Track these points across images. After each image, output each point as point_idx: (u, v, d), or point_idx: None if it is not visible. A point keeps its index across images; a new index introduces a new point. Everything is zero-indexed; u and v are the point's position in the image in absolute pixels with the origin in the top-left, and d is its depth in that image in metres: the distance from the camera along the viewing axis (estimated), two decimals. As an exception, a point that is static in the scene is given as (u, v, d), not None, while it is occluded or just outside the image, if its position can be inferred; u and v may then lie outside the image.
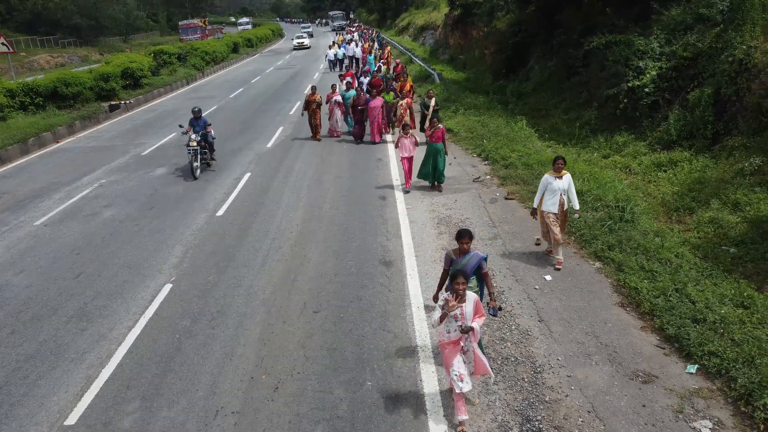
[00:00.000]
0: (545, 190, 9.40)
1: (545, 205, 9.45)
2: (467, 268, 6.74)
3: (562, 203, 9.38)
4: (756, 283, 8.56)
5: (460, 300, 5.86)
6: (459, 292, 5.87)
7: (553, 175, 9.34)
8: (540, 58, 24.08)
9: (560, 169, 9.32)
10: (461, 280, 5.85)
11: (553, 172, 9.39)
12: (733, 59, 12.86)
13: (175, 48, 40.96)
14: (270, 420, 6.39)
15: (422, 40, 51.29)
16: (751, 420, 5.87)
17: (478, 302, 6.03)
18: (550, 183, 9.32)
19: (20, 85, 24.89)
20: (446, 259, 6.99)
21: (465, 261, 6.78)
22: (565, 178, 9.35)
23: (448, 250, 7.04)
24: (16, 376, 7.47)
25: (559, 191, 9.30)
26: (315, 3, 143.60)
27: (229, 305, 8.91)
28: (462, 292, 5.86)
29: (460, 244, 6.80)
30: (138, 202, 14.04)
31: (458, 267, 6.59)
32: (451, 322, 5.95)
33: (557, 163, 9.32)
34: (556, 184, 9.29)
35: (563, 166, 9.36)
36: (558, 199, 9.33)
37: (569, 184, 9.38)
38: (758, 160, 11.08)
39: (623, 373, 6.80)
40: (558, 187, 9.29)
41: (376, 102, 18.52)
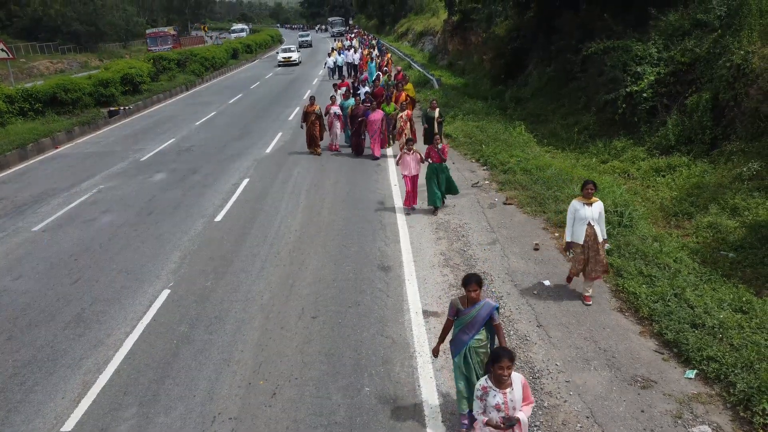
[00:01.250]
0: (574, 219, 8.28)
1: (570, 234, 8.43)
2: (477, 320, 5.82)
3: (590, 234, 8.20)
4: (755, 287, 8.54)
5: (503, 385, 4.74)
6: (503, 378, 4.66)
7: (581, 202, 8.19)
8: (538, 63, 24.13)
9: (590, 195, 8.14)
10: (506, 363, 4.60)
11: (581, 198, 8.22)
12: (731, 64, 12.87)
13: (175, 54, 41.03)
14: (267, 426, 6.37)
15: (421, 45, 51.47)
16: (750, 425, 5.84)
17: (527, 385, 4.86)
18: (577, 210, 8.19)
19: (19, 90, 24.91)
20: (451, 308, 5.99)
21: (474, 313, 5.81)
22: (595, 205, 8.17)
23: (454, 299, 6.01)
24: (13, 383, 7.44)
25: (588, 220, 8.14)
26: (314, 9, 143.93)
27: (227, 311, 8.89)
28: (507, 377, 4.67)
29: (468, 292, 5.77)
30: (136, 207, 14.03)
31: (467, 319, 5.81)
32: (491, 410, 4.79)
33: (587, 188, 8.16)
34: (584, 211, 8.15)
35: (593, 192, 8.19)
36: (584, 230, 8.19)
37: (600, 213, 8.20)
38: (756, 165, 11.07)
39: (622, 379, 6.78)
40: (586, 216, 8.14)
41: (376, 115, 17.27)
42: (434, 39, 48.02)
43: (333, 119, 18.47)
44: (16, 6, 64.29)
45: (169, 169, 17.58)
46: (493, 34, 29.97)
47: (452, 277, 9.61)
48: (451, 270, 9.88)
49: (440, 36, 45.00)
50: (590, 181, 8.25)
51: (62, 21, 65.86)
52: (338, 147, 18.85)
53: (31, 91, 24.98)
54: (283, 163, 17.58)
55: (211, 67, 44.11)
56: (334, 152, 18.67)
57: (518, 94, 24.09)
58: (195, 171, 17.12)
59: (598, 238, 8.20)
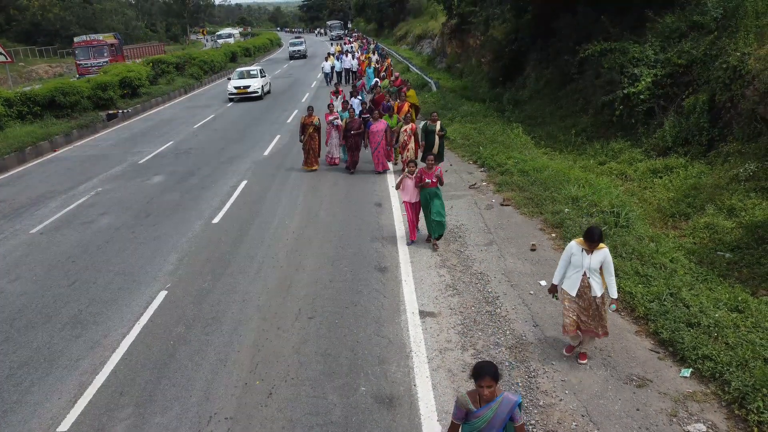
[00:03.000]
0: (568, 263, 6.90)
1: (563, 280, 7.03)
2: (494, 424, 4.42)
3: (585, 286, 6.80)
4: (751, 287, 8.56)
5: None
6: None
7: (581, 246, 6.73)
8: (536, 66, 24.18)
9: (594, 245, 6.64)
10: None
11: (582, 242, 6.73)
12: (727, 66, 12.91)
13: (173, 57, 41.10)
14: (263, 425, 6.37)
15: (419, 48, 51.52)
16: (745, 423, 5.86)
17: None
18: (573, 255, 6.77)
19: (18, 94, 24.95)
20: (457, 409, 4.52)
21: (490, 414, 4.40)
22: (597, 254, 6.65)
23: (461, 396, 4.55)
24: (10, 383, 7.45)
25: (583, 269, 6.74)
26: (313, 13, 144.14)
27: (224, 312, 8.90)
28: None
29: (480, 388, 4.35)
30: (134, 209, 14.04)
31: (480, 424, 4.44)
32: None
33: (590, 236, 6.58)
34: (580, 258, 6.70)
35: (597, 244, 6.61)
36: (579, 280, 6.79)
37: (603, 263, 6.68)
38: (753, 166, 11.10)
39: (617, 377, 6.79)
40: (582, 264, 6.71)
41: (378, 125, 15.58)
42: (433, 42, 48.07)
43: (331, 130, 16.96)
44: (15, 10, 64.36)
45: (167, 171, 17.59)
46: (490, 37, 30.03)
47: (449, 277, 9.62)
48: (447, 270, 9.89)
49: (438, 39, 45.07)
50: (595, 229, 6.59)
51: (61, 25, 65.95)
52: (337, 160, 17.24)
53: (30, 95, 25.02)
54: (281, 165, 17.59)
55: (209, 71, 44.16)
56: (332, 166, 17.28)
57: (516, 97, 24.14)
58: (193, 174, 17.13)
59: (594, 292, 6.75)
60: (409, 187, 10.80)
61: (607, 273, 6.73)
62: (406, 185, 10.89)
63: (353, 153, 16.50)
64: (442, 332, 8.01)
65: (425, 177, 10.47)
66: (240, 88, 32.12)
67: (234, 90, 32.17)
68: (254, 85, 32.34)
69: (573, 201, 11.96)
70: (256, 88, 32.31)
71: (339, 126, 16.67)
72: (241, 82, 32.54)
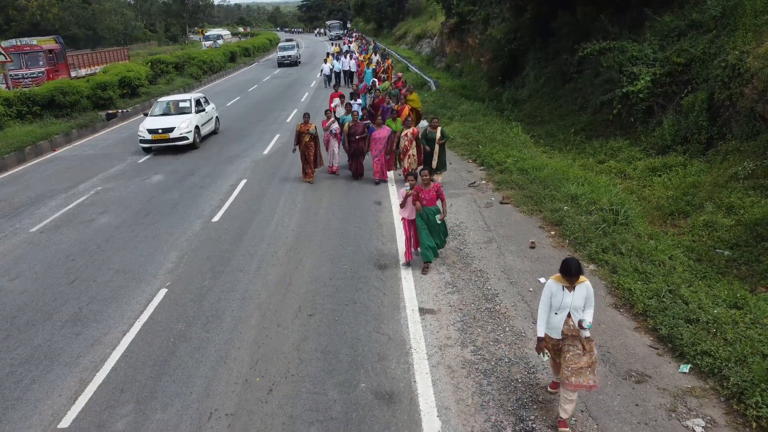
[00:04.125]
0: (550, 307, 6.00)
1: (543, 327, 6.08)
2: None
3: (571, 328, 5.90)
4: (750, 284, 8.60)
5: None
6: None
7: (560, 284, 5.90)
8: (535, 65, 24.21)
9: (574, 280, 5.80)
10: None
11: (560, 278, 5.88)
12: (726, 64, 12.93)
13: (173, 57, 41.10)
14: (263, 421, 6.39)
15: (419, 48, 51.54)
16: (743, 418, 5.89)
17: None
18: (554, 295, 5.93)
19: (17, 93, 24.94)
20: None
21: None
22: (579, 289, 5.85)
23: None
24: (10, 380, 7.46)
25: (568, 309, 5.87)
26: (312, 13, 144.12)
27: (224, 309, 8.92)
28: None
29: None
30: (134, 208, 14.05)
31: None
32: None
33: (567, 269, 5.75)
34: (561, 298, 5.89)
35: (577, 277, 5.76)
36: (563, 322, 5.91)
37: (586, 299, 5.90)
38: (752, 164, 11.12)
39: (616, 373, 6.81)
40: (565, 304, 5.87)
41: (382, 132, 14.60)
42: (432, 42, 48.09)
43: (329, 137, 15.90)
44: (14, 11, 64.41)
45: (166, 170, 17.61)
46: (489, 37, 30.07)
47: (448, 275, 9.65)
48: (447, 268, 9.92)
49: (438, 39, 45.09)
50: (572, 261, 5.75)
51: (60, 25, 65.96)
52: (337, 169, 16.20)
53: (29, 94, 25.03)
54: (281, 164, 17.60)
55: (209, 71, 44.17)
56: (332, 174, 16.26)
57: (515, 96, 24.17)
58: (193, 173, 17.15)
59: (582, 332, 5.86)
60: (408, 203, 9.78)
61: (588, 305, 5.90)
62: (408, 201, 9.81)
63: (357, 160, 15.42)
64: (441, 329, 8.03)
65: (422, 195, 9.50)
66: (157, 132, 19.66)
67: (147, 136, 19.65)
68: (182, 127, 19.79)
69: (572, 199, 11.99)
70: (184, 131, 19.79)
71: (337, 133, 15.70)
72: (158, 123, 20.07)
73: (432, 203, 9.57)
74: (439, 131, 13.54)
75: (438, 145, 13.51)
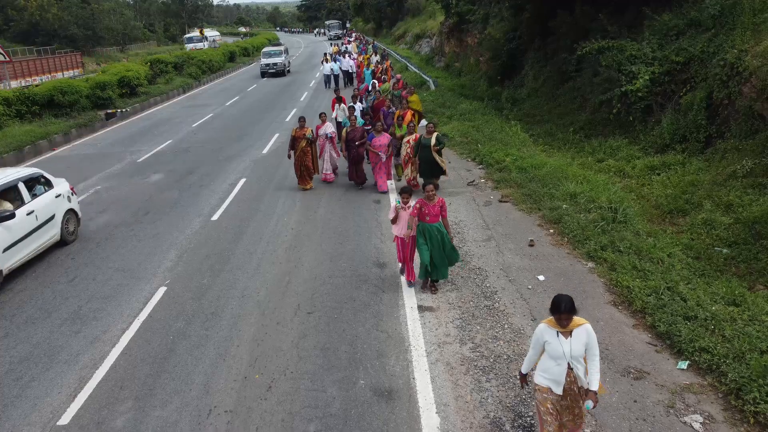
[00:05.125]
0: (540, 352, 5.23)
1: (539, 375, 5.27)
2: None
3: (572, 381, 5.13)
4: (748, 282, 8.62)
5: None
6: None
7: (554, 329, 5.04)
8: (534, 64, 24.22)
9: (567, 322, 4.95)
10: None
11: (553, 323, 5.04)
12: (725, 63, 12.95)
13: (172, 57, 41.13)
14: (263, 418, 6.40)
15: (418, 48, 51.53)
16: (741, 414, 5.90)
17: None
18: (548, 342, 5.06)
19: (17, 93, 24.95)
20: None
21: None
22: (578, 334, 5.00)
23: None
24: (9, 378, 7.47)
25: (566, 360, 5.03)
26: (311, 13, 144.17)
27: (223, 307, 8.93)
28: None
29: None
30: (133, 207, 14.06)
31: None
32: None
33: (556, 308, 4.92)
34: (557, 346, 5.00)
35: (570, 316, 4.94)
36: (564, 374, 5.08)
37: (587, 346, 5.05)
38: (750, 163, 11.14)
39: (615, 370, 6.83)
40: (562, 354, 5.00)
41: (382, 139, 13.79)
42: (431, 41, 48.08)
43: (324, 143, 14.99)
44: (14, 11, 64.37)
45: (166, 170, 17.62)
46: (489, 36, 30.04)
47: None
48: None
49: (437, 38, 45.08)
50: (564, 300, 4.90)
51: (59, 25, 65.99)
52: (332, 177, 15.37)
53: (29, 94, 25.03)
54: (280, 163, 17.60)
55: (208, 70, 44.20)
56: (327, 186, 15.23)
57: (514, 95, 24.17)
58: (192, 172, 17.16)
59: (582, 384, 5.12)
60: (403, 220, 8.87)
61: (590, 355, 5.05)
62: (402, 219, 8.90)
63: (357, 166, 14.56)
64: (440, 326, 8.04)
65: (426, 210, 8.59)
66: None
67: None
68: None
69: (571, 197, 12.00)
70: None
71: (333, 138, 15.01)
72: None
73: (435, 219, 8.60)
74: (434, 137, 12.89)
75: (434, 152, 12.84)
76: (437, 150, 12.91)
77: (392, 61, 38.09)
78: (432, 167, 13.03)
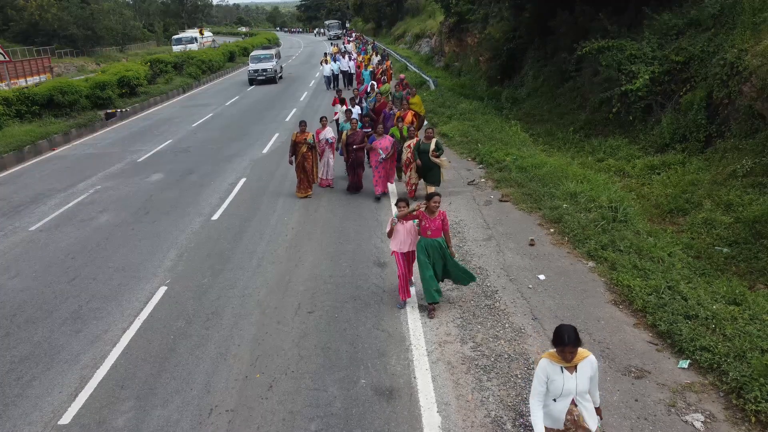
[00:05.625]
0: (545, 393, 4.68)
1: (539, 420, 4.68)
2: None
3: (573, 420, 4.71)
4: (748, 281, 8.63)
5: None
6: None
7: (557, 364, 4.60)
8: (534, 64, 24.23)
9: (571, 355, 4.53)
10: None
11: (556, 357, 4.60)
12: (725, 62, 12.96)
13: (171, 57, 41.12)
14: (264, 417, 6.40)
15: (418, 48, 51.55)
16: (742, 412, 5.90)
17: None
18: (551, 379, 4.61)
19: (16, 93, 24.94)
20: None
21: None
22: (583, 368, 4.62)
23: None
24: (10, 377, 7.47)
25: (571, 396, 4.66)
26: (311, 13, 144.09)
27: (224, 307, 8.93)
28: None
29: None
30: (133, 207, 14.06)
31: None
32: None
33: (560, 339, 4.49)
34: (561, 382, 4.60)
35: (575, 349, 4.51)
36: (566, 410, 4.68)
37: (591, 379, 4.69)
38: (750, 162, 11.15)
39: (616, 369, 6.83)
40: (567, 389, 4.60)
41: (384, 142, 13.30)
42: (431, 41, 48.11)
43: (324, 147, 14.38)
44: (13, 10, 64.29)
45: (166, 169, 17.62)
46: (488, 36, 30.06)
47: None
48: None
49: (437, 38, 45.09)
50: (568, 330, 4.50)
51: (59, 25, 65.87)
52: (331, 182, 14.86)
53: (28, 93, 25.01)
54: (280, 163, 17.60)
55: (207, 70, 44.18)
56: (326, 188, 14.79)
57: (514, 95, 24.19)
58: (192, 171, 17.16)
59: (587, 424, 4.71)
60: (400, 233, 8.29)
61: (592, 385, 4.74)
62: (398, 232, 8.33)
63: (355, 172, 14.14)
64: (441, 325, 8.04)
65: (427, 224, 7.99)
66: None
67: None
68: None
69: (571, 197, 12.00)
70: None
71: (332, 143, 14.45)
72: None
73: (437, 234, 8.00)
74: (434, 143, 12.47)
75: (432, 158, 12.44)
76: (436, 156, 12.50)
77: (392, 61, 37.98)
78: (430, 173, 12.68)
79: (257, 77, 38.78)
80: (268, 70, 38.84)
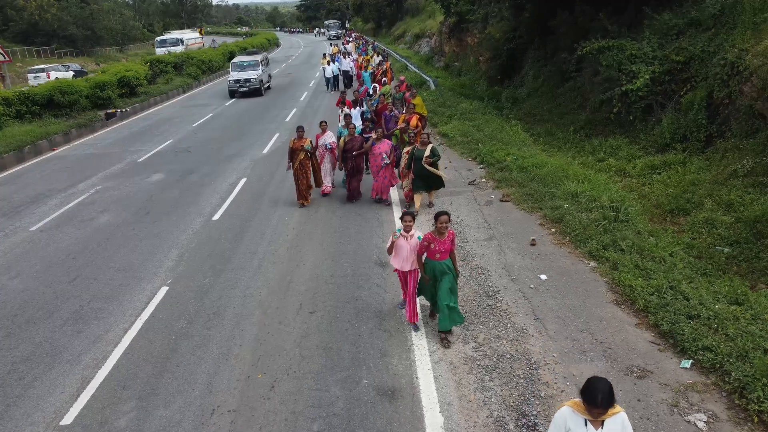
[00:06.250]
0: None
1: None
2: None
3: None
4: (750, 281, 8.62)
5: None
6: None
7: (581, 416, 4.20)
8: (534, 63, 24.22)
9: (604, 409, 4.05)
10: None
11: (580, 407, 4.18)
12: (725, 62, 12.95)
13: (171, 57, 41.09)
14: (266, 418, 6.40)
15: (418, 47, 51.53)
16: (745, 412, 5.90)
17: None
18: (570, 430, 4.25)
19: (16, 93, 24.93)
20: None
21: None
22: (612, 423, 4.16)
23: None
24: (12, 378, 7.46)
25: None
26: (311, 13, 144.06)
27: (225, 307, 8.92)
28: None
29: None
30: (134, 207, 14.05)
31: None
32: None
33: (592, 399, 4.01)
34: None
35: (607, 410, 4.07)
36: None
37: None
38: (751, 162, 11.14)
39: (618, 369, 6.82)
40: None
41: (381, 146, 12.89)
42: (431, 41, 48.09)
43: (324, 153, 13.84)
44: (12, 11, 64.24)
45: (166, 169, 17.61)
46: (489, 36, 30.04)
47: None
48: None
49: (437, 38, 45.07)
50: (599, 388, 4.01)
51: (58, 25, 65.83)
52: (330, 189, 14.15)
53: (28, 94, 25.00)
54: (281, 163, 17.56)
55: (207, 70, 44.16)
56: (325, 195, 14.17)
57: (514, 95, 24.18)
58: (192, 171, 17.15)
59: None
60: (403, 249, 7.70)
61: None
62: (399, 248, 7.75)
63: (354, 179, 13.57)
64: (443, 326, 8.02)
65: (436, 246, 7.34)
66: None
67: None
68: None
69: (572, 197, 11.99)
70: None
71: (333, 149, 13.78)
72: None
73: (445, 256, 7.41)
74: (429, 149, 11.87)
75: (426, 165, 11.81)
76: (430, 162, 11.87)
77: (392, 61, 37.92)
78: (427, 181, 12.16)
79: (239, 88, 32.95)
80: (252, 80, 33.02)
